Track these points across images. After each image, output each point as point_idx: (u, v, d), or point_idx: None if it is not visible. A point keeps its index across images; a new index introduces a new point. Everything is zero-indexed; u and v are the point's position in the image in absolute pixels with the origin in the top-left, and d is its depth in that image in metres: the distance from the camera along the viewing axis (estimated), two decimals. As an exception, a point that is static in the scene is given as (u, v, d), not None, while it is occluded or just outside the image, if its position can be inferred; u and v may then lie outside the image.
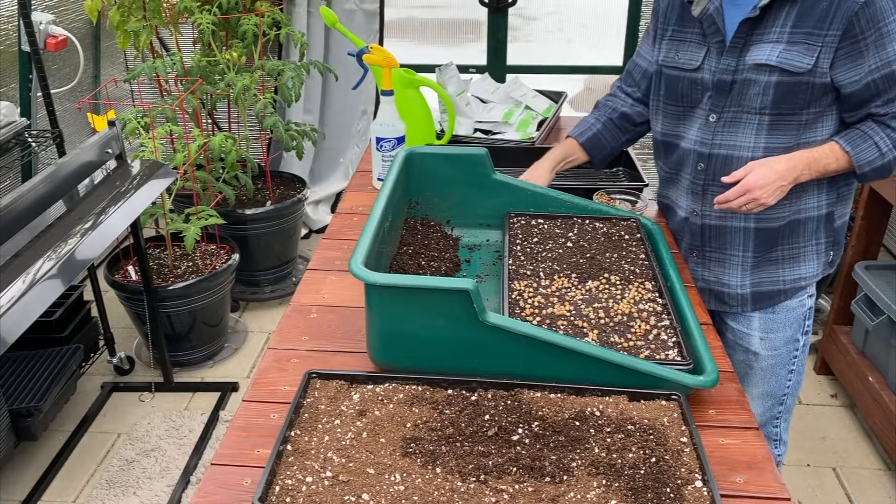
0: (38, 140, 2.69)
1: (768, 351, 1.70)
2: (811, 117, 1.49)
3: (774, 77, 1.46)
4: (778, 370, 1.72)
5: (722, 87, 1.54)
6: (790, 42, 1.45)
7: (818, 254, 1.63)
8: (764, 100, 1.49)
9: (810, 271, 1.64)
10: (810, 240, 1.61)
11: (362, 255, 1.18)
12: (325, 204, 3.95)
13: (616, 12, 3.61)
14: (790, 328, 1.68)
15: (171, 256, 2.88)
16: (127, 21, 2.88)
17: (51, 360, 2.45)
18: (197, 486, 1.13)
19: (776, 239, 1.60)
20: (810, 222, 1.60)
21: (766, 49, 1.47)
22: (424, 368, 1.19)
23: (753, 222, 1.59)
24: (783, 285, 1.64)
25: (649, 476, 0.99)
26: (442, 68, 2.31)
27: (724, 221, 1.62)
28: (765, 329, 1.69)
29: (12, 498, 2.33)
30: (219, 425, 2.62)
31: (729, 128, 1.56)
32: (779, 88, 1.47)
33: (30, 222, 1.94)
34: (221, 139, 2.79)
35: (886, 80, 1.42)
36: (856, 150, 1.47)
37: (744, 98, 1.52)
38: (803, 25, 1.43)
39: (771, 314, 1.67)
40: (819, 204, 1.58)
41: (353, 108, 3.79)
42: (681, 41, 1.61)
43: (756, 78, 1.49)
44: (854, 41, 1.40)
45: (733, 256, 1.64)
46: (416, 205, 1.71)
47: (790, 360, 1.72)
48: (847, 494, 2.33)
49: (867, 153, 1.47)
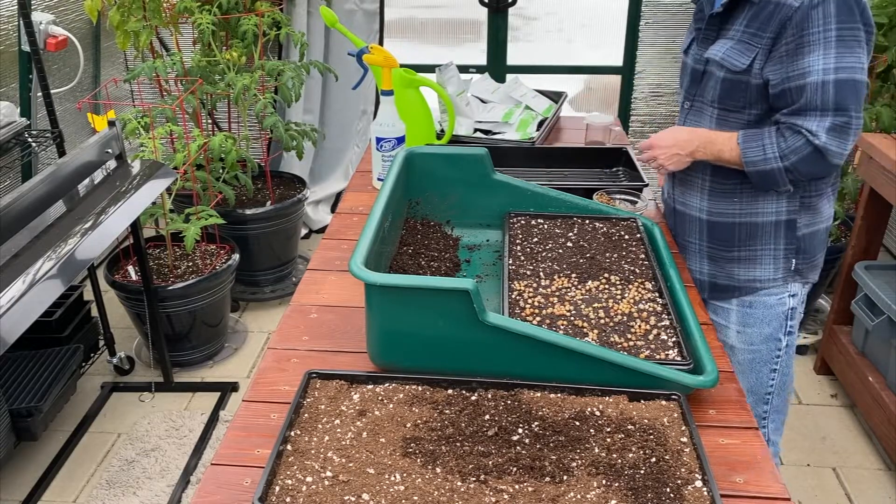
0: (38, 140, 2.68)
1: (745, 345, 1.72)
2: (752, 118, 1.54)
3: (721, 73, 1.54)
4: (758, 367, 1.73)
5: (695, 76, 1.64)
6: (739, 41, 1.51)
7: (776, 259, 1.64)
8: (714, 93, 1.58)
9: (766, 275, 1.65)
10: (767, 245, 1.63)
11: (362, 255, 1.18)
12: (325, 204, 3.95)
13: (616, 12, 3.61)
14: (768, 325, 1.69)
15: (171, 256, 2.88)
16: (127, 21, 2.88)
17: (51, 360, 2.45)
18: (197, 486, 1.13)
19: (732, 239, 1.65)
20: (767, 227, 1.62)
21: (720, 45, 1.55)
22: (424, 368, 1.19)
23: (706, 214, 1.66)
24: (738, 283, 1.68)
25: (649, 476, 0.99)
26: (442, 68, 2.31)
27: (685, 207, 1.71)
28: (741, 323, 1.71)
29: (12, 498, 2.33)
30: (219, 425, 2.62)
31: (695, 116, 1.65)
32: (724, 84, 1.54)
33: (30, 222, 1.94)
34: (221, 139, 2.79)
35: (797, 91, 1.44)
36: (746, 145, 1.51)
37: (705, 90, 1.61)
38: (752, 26, 1.49)
39: (748, 308, 1.69)
40: (777, 210, 1.60)
41: (353, 108, 3.79)
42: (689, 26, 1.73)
43: (713, 72, 1.57)
44: (779, 45, 1.45)
45: (692, 243, 1.72)
46: (416, 205, 1.71)
47: (772, 359, 1.72)
48: (847, 494, 2.33)
49: (754, 152, 1.50)
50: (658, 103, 3.73)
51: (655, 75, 3.68)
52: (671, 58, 3.63)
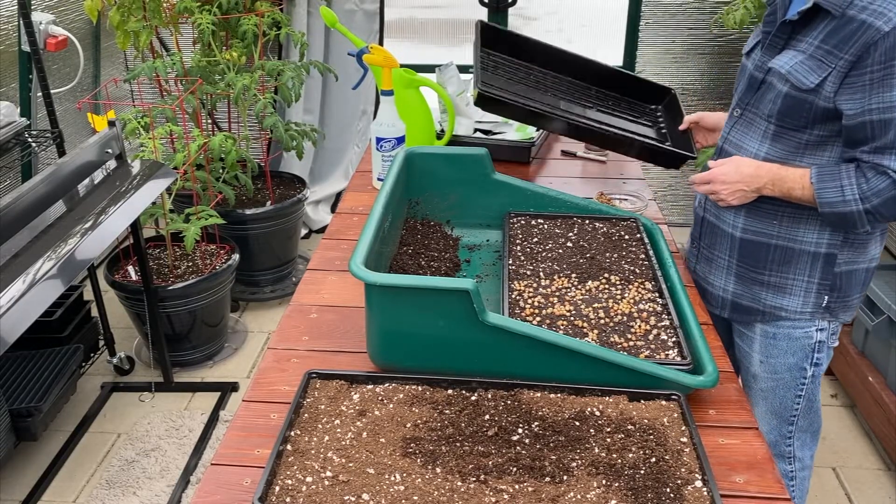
0: (38, 140, 2.68)
1: (768, 374, 1.64)
2: (813, 139, 1.43)
3: (785, 87, 1.41)
4: (782, 393, 1.65)
5: (752, 83, 1.51)
6: (810, 56, 1.38)
7: (807, 292, 1.54)
8: (773, 108, 1.45)
9: (793, 305, 1.56)
10: (801, 275, 1.53)
11: (362, 255, 1.18)
12: (325, 204, 3.95)
13: (616, 12, 3.61)
14: (793, 356, 1.60)
15: (171, 256, 2.88)
16: (127, 21, 2.88)
17: (51, 360, 2.45)
18: (197, 486, 1.13)
19: (764, 261, 1.55)
20: (804, 256, 1.52)
21: (788, 56, 1.42)
22: (424, 368, 1.19)
23: (740, 231, 1.56)
24: (762, 307, 1.59)
25: (649, 476, 0.99)
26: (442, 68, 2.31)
27: (717, 220, 1.61)
28: (764, 353, 1.63)
29: (12, 498, 2.33)
30: (219, 425, 2.62)
31: (744, 127, 1.53)
32: (786, 100, 1.42)
33: (30, 222, 1.94)
34: (221, 139, 2.79)
35: (882, 126, 1.32)
36: (822, 185, 1.39)
37: (761, 101, 1.48)
38: (829, 42, 1.35)
39: (772, 339, 1.61)
40: (818, 241, 1.50)
41: (353, 108, 3.79)
42: (756, 27, 1.61)
43: (775, 84, 1.44)
44: (862, 72, 1.32)
45: (719, 258, 1.63)
46: (416, 205, 1.71)
47: (796, 386, 1.63)
48: (847, 494, 2.33)
49: (831, 193, 1.38)
50: (658, 103, 3.73)
51: (655, 75, 3.68)
52: (671, 58, 3.63)
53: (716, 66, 3.63)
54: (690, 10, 3.54)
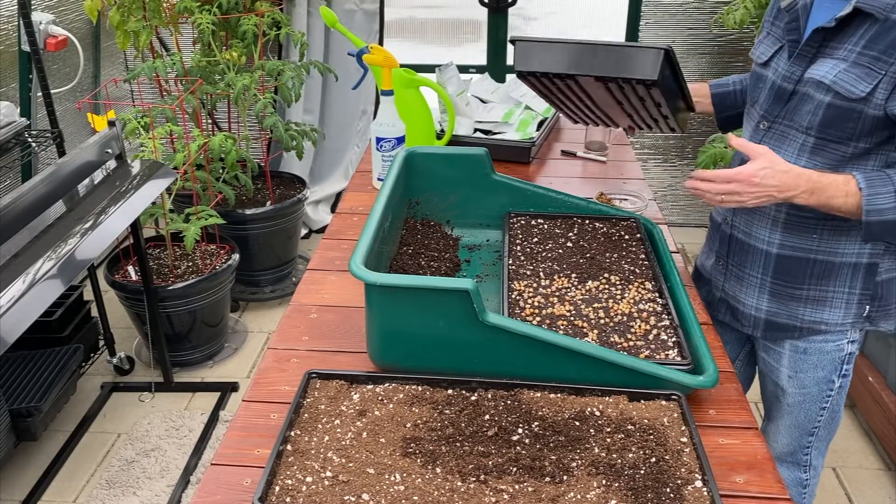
0: (38, 140, 2.68)
1: (796, 389, 1.58)
2: (858, 152, 1.34)
3: (828, 97, 1.32)
4: (807, 406, 1.60)
5: (781, 94, 1.41)
6: (854, 63, 1.29)
7: (847, 303, 1.47)
8: (812, 119, 1.35)
9: (833, 318, 1.49)
10: (842, 287, 1.46)
11: (362, 255, 1.18)
12: (325, 204, 3.95)
13: (616, 12, 3.61)
14: (823, 370, 1.55)
15: (171, 256, 2.88)
16: (127, 21, 2.88)
17: (51, 360, 2.45)
18: (197, 486, 1.13)
19: (802, 276, 1.47)
20: (845, 269, 1.44)
21: (828, 65, 1.33)
22: (424, 368, 1.19)
23: (776, 248, 1.48)
24: (800, 323, 1.52)
25: (649, 476, 0.99)
26: (442, 68, 2.31)
27: (748, 238, 1.53)
28: (794, 368, 1.57)
29: (12, 498, 2.33)
30: (219, 425, 2.62)
31: (775, 141, 1.43)
32: (828, 111, 1.33)
33: (30, 222, 1.94)
34: (221, 139, 2.79)
35: None
36: (872, 191, 1.26)
37: (796, 113, 1.39)
38: (874, 48, 1.27)
39: (802, 355, 1.54)
40: (860, 251, 1.42)
41: (353, 108, 3.79)
42: (768, 34, 1.51)
43: (813, 95, 1.35)
44: None
45: (751, 276, 1.54)
46: (416, 205, 1.71)
47: (822, 398, 1.59)
48: (847, 494, 2.33)
49: (883, 200, 1.26)
50: (658, 103, 3.73)
51: (655, 75, 3.67)
52: (671, 58, 3.63)
53: (716, 66, 3.63)
54: (690, 10, 3.54)
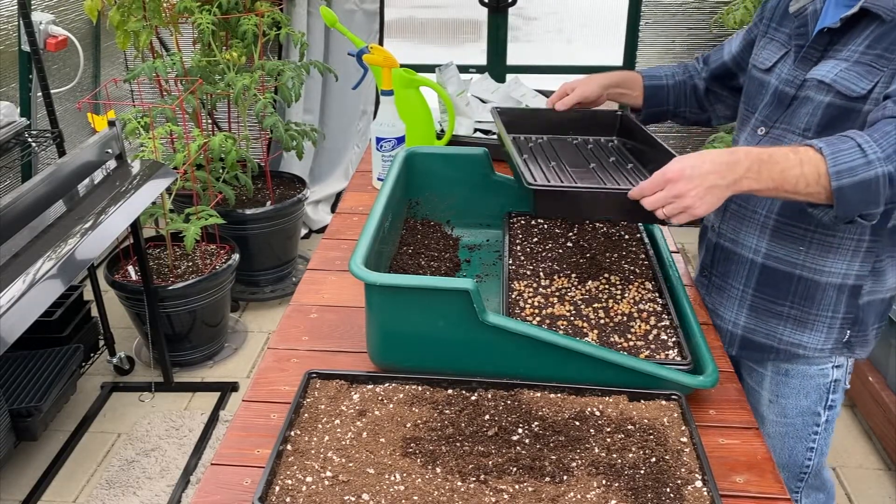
0: (38, 140, 2.68)
1: (777, 417, 1.50)
2: None
3: (828, 97, 1.28)
4: (792, 444, 1.50)
5: (782, 99, 1.36)
6: (856, 62, 1.26)
7: (830, 327, 1.40)
8: (810, 120, 1.30)
9: (813, 343, 1.42)
10: (825, 310, 1.39)
11: (362, 255, 1.18)
12: (325, 204, 3.95)
13: (616, 12, 3.62)
14: (806, 398, 1.46)
15: (171, 256, 2.88)
16: (127, 21, 2.88)
17: (51, 360, 2.45)
18: (197, 486, 1.13)
19: (786, 291, 1.40)
20: (830, 289, 1.37)
21: (829, 65, 1.29)
22: (424, 368, 1.19)
23: (762, 257, 1.41)
24: (777, 344, 1.45)
25: (649, 476, 0.99)
26: (442, 68, 2.31)
27: (734, 245, 1.47)
28: (774, 391, 1.48)
29: (12, 498, 2.33)
30: (219, 425, 2.62)
31: (772, 145, 1.35)
32: (827, 111, 1.28)
33: (30, 222, 1.94)
34: (221, 139, 2.79)
35: None
36: (833, 149, 1.13)
37: (795, 116, 1.34)
38: (877, 47, 1.24)
39: (784, 377, 1.46)
40: (847, 271, 1.35)
41: (353, 108, 3.79)
42: (770, 40, 1.46)
43: (813, 96, 1.30)
44: None
45: (733, 288, 1.48)
46: (416, 205, 1.71)
47: (808, 436, 1.49)
48: (847, 494, 2.33)
49: (848, 156, 1.12)
50: (658, 103, 3.73)
51: (655, 75, 3.68)
52: (671, 58, 3.63)
53: (716, 66, 3.63)
54: (690, 10, 3.54)
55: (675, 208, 1.13)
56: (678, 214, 1.13)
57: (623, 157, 1.62)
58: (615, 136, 1.72)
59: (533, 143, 1.62)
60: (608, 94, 1.68)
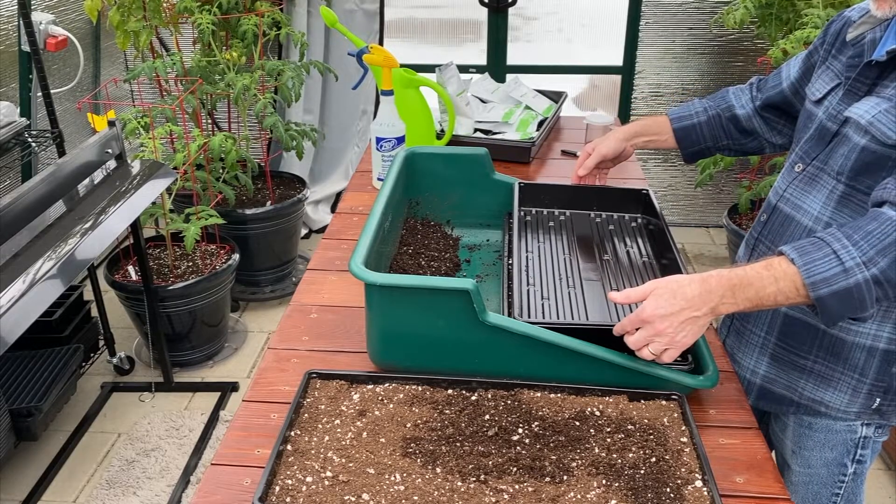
0: (38, 140, 2.68)
1: (800, 467, 1.40)
2: None
3: (864, 140, 1.16)
4: (816, 490, 1.40)
5: (823, 135, 1.25)
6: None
7: (855, 390, 1.28)
8: (844, 164, 1.19)
9: (837, 402, 1.30)
10: (851, 370, 1.27)
11: (362, 255, 1.18)
12: (325, 204, 3.95)
13: (616, 12, 3.61)
14: (832, 451, 1.35)
15: (171, 256, 2.88)
16: (127, 21, 2.88)
17: (51, 360, 2.45)
18: (197, 486, 1.13)
19: (810, 344, 1.29)
20: (857, 351, 1.25)
21: (870, 104, 1.17)
22: (424, 368, 1.19)
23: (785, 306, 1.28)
24: (798, 398, 1.34)
25: (649, 476, 0.99)
26: (442, 68, 2.31)
27: None
28: (797, 443, 1.39)
29: (12, 498, 2.33)
30: (219, 425, 2.62)
31: (805, 186, 1.27)
32: (862, 155, 1.16)
33: (30, 222, 1.94)
34: (221, 139, 2.79)
35: None
36: (806, 258, 1.06)
37: (832, 156, 1.23)
38: None
39: (807, 430, 1.36)
40: (877, 333, 1.23)
41: (353, 108, 3.79)
42: (827, 69, 1.32)
43: (851, 136, 1.19)
44: None
45: (754, 334, 1.38)
46: (416, 205, 1.71)
47: (834, 483, 1.38)
48: (847, 494, 2.33)
49: (823, 265, 1.05)
50: (658, 103, 3.73)
51: (655, 75, 3.68)
52: (671, 58, 3.63)
53: (716, 66, 3.64)
54: (690, 10, 3.54)
55: (658, 347, 1.09)
56: (663, 352, 1.09)
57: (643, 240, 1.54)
58: (640, 213, 1.63)
59: (555, 221, 1.60)
60: (633, 144, 1.59)
